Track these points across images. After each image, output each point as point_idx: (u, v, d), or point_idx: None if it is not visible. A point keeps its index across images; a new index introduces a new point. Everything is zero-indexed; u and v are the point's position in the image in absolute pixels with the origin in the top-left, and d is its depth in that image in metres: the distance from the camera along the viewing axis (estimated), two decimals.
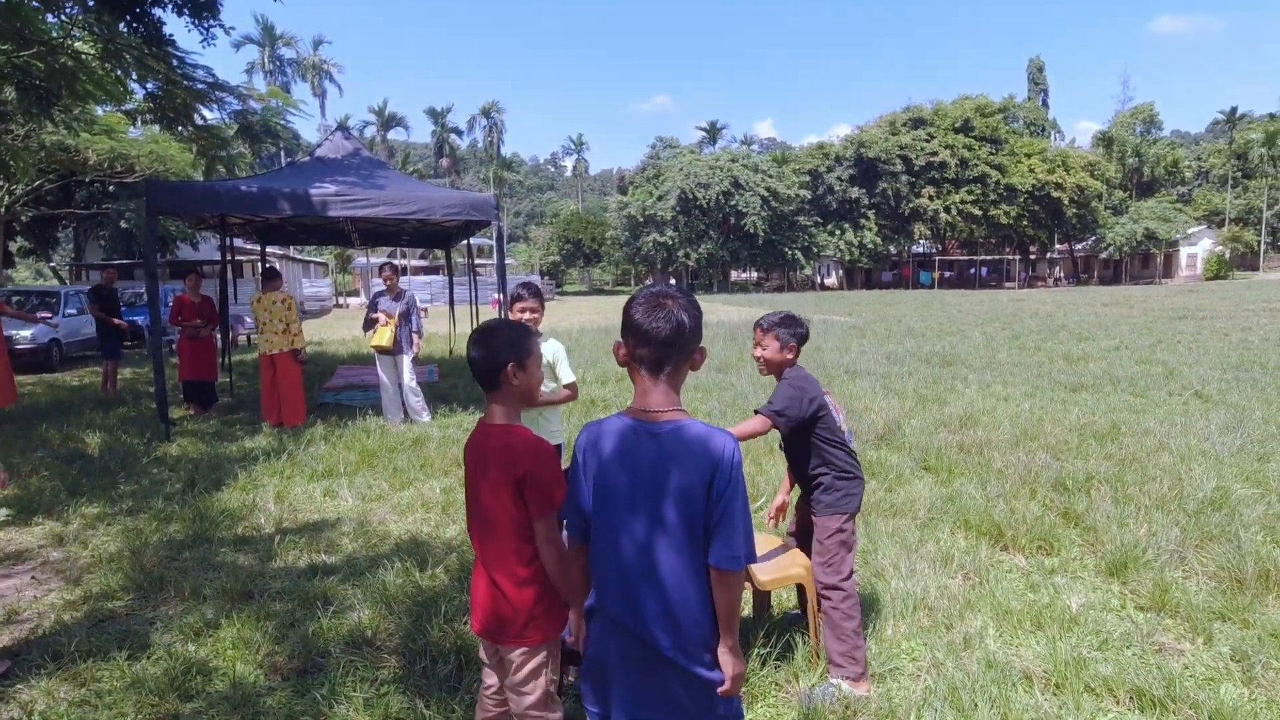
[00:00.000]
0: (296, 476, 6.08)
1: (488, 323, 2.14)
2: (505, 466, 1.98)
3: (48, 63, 9.02)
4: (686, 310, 1.74)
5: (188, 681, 3.02)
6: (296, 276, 36.97)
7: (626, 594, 1.75)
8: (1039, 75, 69.43)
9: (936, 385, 9.74)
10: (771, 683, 3.00)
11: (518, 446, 1.99)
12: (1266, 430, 6.81)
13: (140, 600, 3.85)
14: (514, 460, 1.97)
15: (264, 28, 60.83)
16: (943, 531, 4.56)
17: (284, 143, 41.92)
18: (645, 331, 1.72)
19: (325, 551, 4.49)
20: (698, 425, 1.73)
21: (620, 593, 1.76)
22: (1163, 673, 2.95)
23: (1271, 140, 61.12)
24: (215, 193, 7.89)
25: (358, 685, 2.97)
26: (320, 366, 12.78)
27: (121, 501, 5.47)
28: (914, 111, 56.41)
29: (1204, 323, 18.04)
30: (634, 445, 1.75)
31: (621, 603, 1.76)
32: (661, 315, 1.72)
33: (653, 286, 1.81)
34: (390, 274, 8.47)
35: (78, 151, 16.53)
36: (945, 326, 19.06)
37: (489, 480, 2.02)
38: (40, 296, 15.35)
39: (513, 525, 2.01)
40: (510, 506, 1.99)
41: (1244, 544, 4.04)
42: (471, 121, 79.65)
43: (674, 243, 53.53)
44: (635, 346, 1.75)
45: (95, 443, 7.22)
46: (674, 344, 1.72)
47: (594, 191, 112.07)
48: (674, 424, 1.72)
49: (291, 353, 8.22)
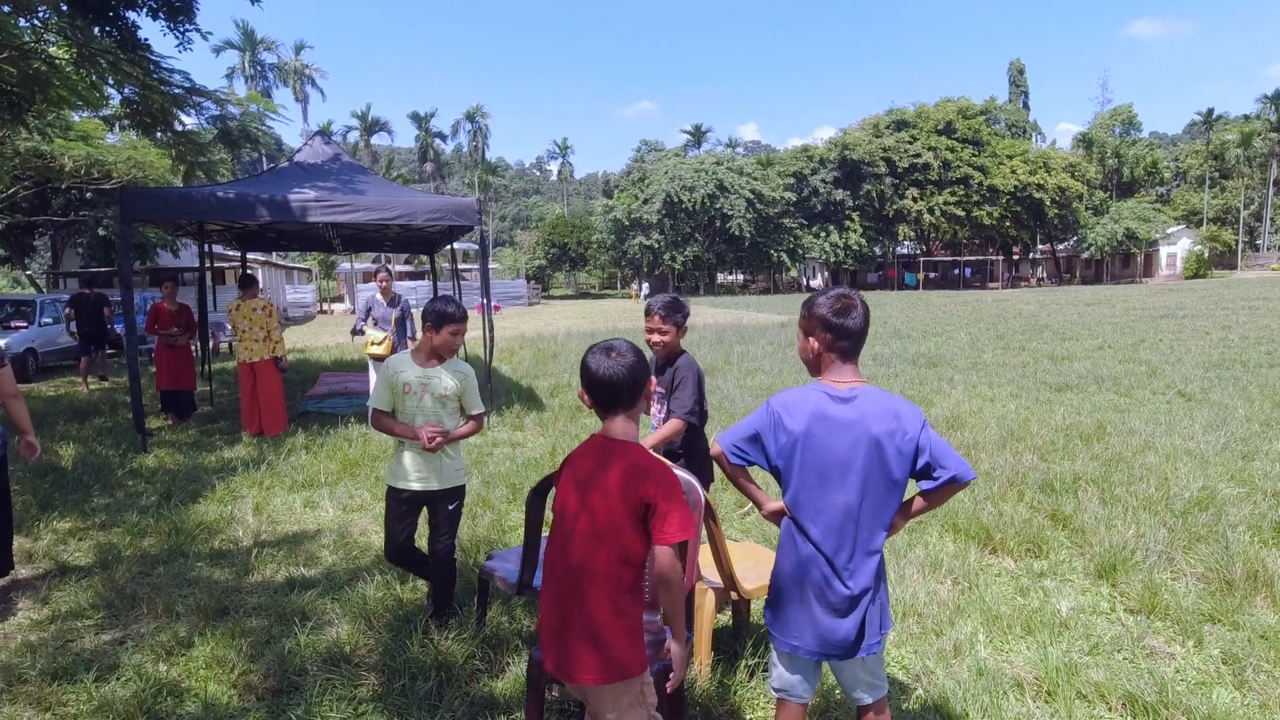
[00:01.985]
0: (276, 487, 5.96)
1: (619, 341, 2.07)
2: (631, 487, 1.89)
3: (20, 68, 8.82)
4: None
5: (158, 704, 2.92)
6: (279, 283, 36.66)
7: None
8: (1019, 77, 70.08)
9: (923, 386, 9.74)
10: (760, 694, 2.94)
11: (650, 467, 1.93)
12: (1249, 428, 6.84)
13: (111, 619, 3.73)
14: (644, 482, 1.89)
15: (244, 32, 60.32)
16: (931, 535, 4.53)
17: (265, 148, 41.52)
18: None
19: (304, 565, 4.39)
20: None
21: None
22: (1154, 677, 2.92)
23: (1247, 141, 62.03)
24: (192, 199, 7.75)
25: (335, 705, 2.88)
26: (303, 374, 12.61)
27: (95, 515, 5.34)
28: (897, 114, 56.78)
29: (1185, 321, 18.22)
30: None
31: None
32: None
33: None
34: (386, 278, 8.36)
35: (53, 158, 16.24)
36: (930, 327, 19.13)
37: (608, 499, 1.92)
38: (15, 305, 15.06)
39: (622, 547, 1.92)
40: (628, 528, 1.91)
41: (1232, 544, 4.03)
42: (456, 126, 79.31)
43: (660, 246, 53.53)
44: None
45: (69, 454, 7.06)
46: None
47: (579, 195, 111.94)
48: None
49: (273, 360, 8.10)
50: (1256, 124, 62.90)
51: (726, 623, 3.48)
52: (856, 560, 2.10)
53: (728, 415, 8.14)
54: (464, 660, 3.17)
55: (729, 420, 7.86)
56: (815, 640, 2.12)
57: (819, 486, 2.10)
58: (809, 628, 2.13)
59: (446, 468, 3.44)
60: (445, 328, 3.36)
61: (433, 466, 3.41)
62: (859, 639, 2.11)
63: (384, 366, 3.43)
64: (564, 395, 9.75)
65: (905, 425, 2.08)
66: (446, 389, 3.38)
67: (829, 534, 2.10)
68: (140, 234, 20.13)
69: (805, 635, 2.14)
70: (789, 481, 2.15)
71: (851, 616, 2.10)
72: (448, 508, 3.50)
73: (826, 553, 2.10)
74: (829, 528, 2.10)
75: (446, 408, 3.41)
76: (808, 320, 2.18)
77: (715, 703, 2.87)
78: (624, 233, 55.03)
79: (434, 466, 3.41)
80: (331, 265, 50.19)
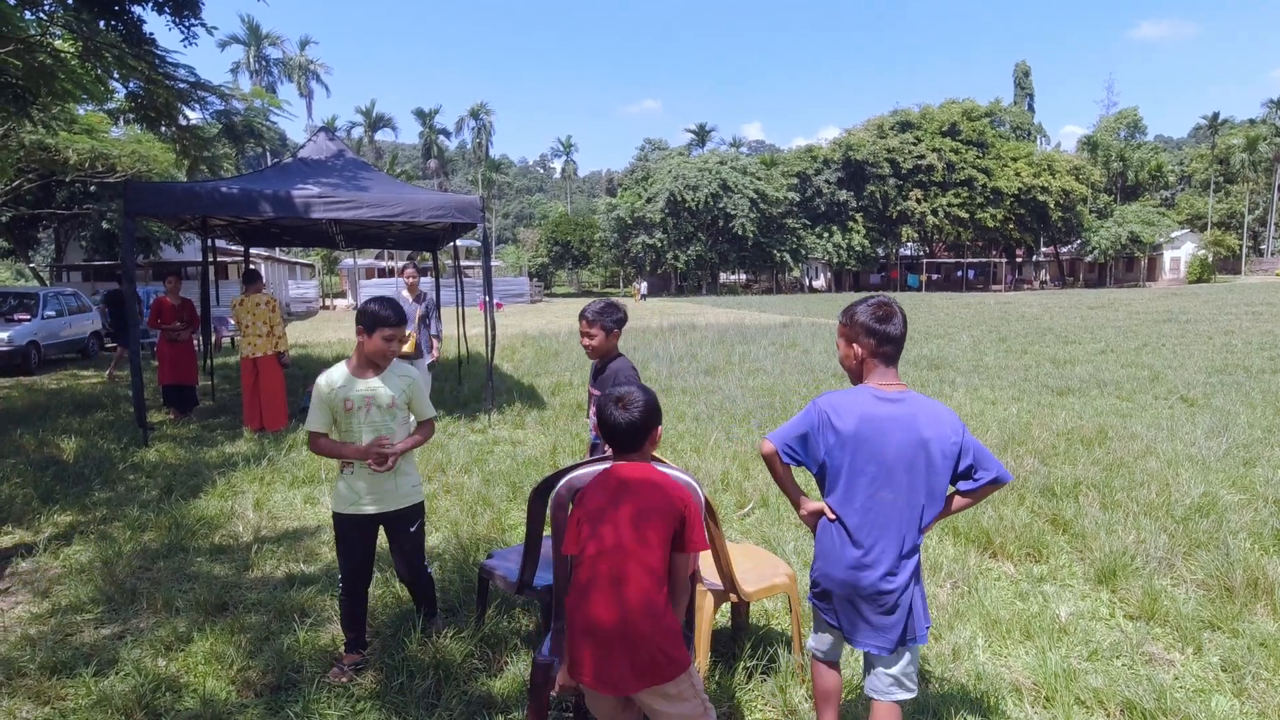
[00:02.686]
0: (277, 483, 5.96)
1: (632, 392, 2.23)
2: (662, 503, 2.07)
3: (25, 60, 8.84)
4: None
5: (156, 699, 2.92)
6: (282, 278, 36.69)
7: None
8: (1025, 79, 69.93)
9: (925, 389, 9.74)
10: (758, 695, 2.94)
11: (670, 484, 2.12)
12: (1251, 435, 6.83)
13: (110, 613, 3.74)
14: (672, 498, 2.08)
15: (249, 27, 60.34)
16: (931, 538, 4.52)
17: (269, 144, 41.52)
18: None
19: (304, 561, 4.39)
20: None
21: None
22: (1153, 684, 2.91)
23: (1252, 145, 61.91)
24: (196, 194, 7.76)
25: (332, 702, 2.89)
26: (305, 369, 12.62)
27: (95, 509, 5.35)
28: (901, 115, 56.71)
29: (1188, 326, 18.18)
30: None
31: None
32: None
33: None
34: (413, 274, 8.37)
35: (57, 151, 16.27)
36: (933, 329, 19.11)
37: (637, 518, 2.06)
38: (18, 298, 15.09)
39: (658, 559, 2.05)
40: (659, 542, 2.05)
41: (1232, 551, 4.02)
42: (460, 123, 79.26)
43: (663, 245, 53.52)
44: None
45: (71, 448, 7.07)
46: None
47: (583, 193, 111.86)
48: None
49: (275, 355, 8.10)
50: (1262, 128, 62.80)
51: (725, 624, 3.48)
52: (899, 558, 2.20)
53: (729, 416, 8.14)
54: (462, 659, 3.17)
55: (727, 421, 7.85)
56: (857, 632, 2.26)
57: (868, 486, 2.19)
58: (853, 621, 2.26)
59: (401, 485, 3.14)
60: (378, 331, 2.99)
61: (386, 485, 3.11)
62: (902, 635, 2.22)
63: (316, 385, 3.09)
64: (565, 394, 9.75)
65: (949, 429, 2.22)
66: (393, 398, 3.09)
67: (874, 531, 2.20)
68: (144, 228, 20.12)
69: (850, 628, 2.28)
70: (836, 481, 2.24)
71: (896, 614, 2.21)
72: (409, 529, 3.22)
73: (871, 550, 2.20)
74: (875, 525, 2.20)
75: (397, 418, 3.11)
76: (849, 328, 2.29)
77: (714, 705, 2.87)
78: (627, 231, 55.02)
79: (387, 485, 3.11)
80: (334, 261, 50.22)
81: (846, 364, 2.34)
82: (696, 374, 11.15)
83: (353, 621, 3.20)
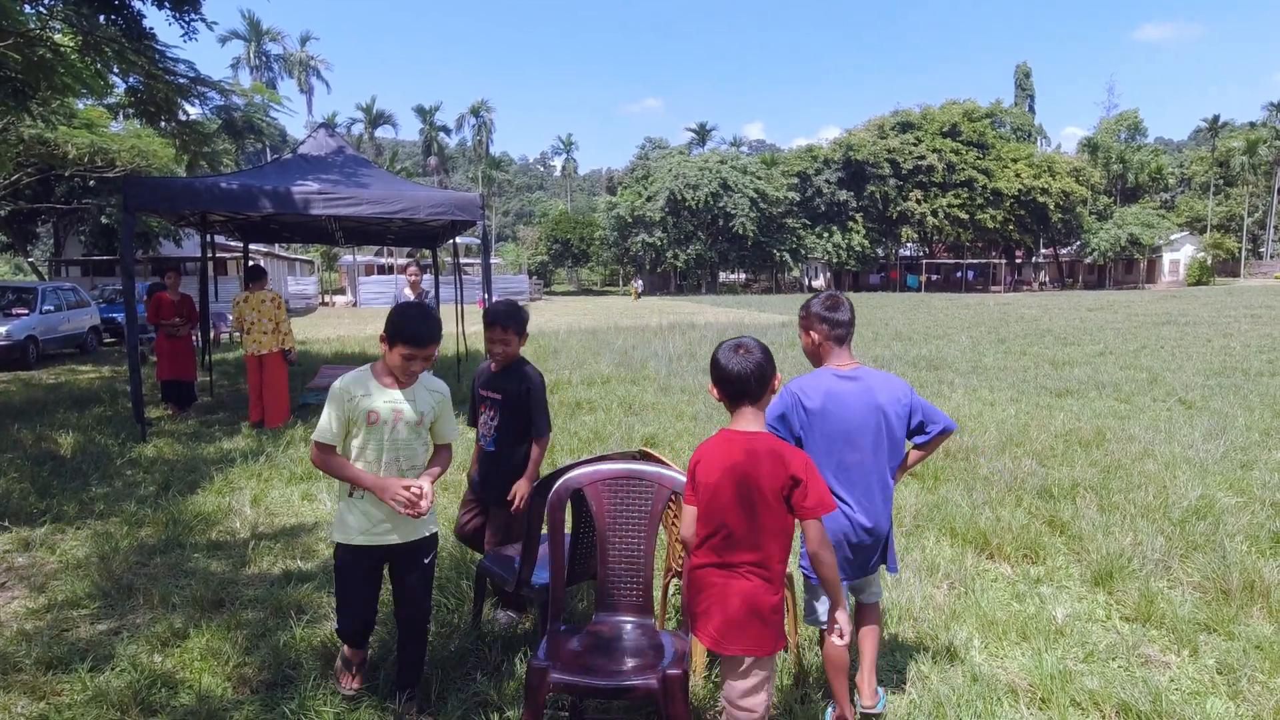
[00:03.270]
0: (275, 479, 5.96)
1: (748, 340, 2.26)
2: (777, 471, 2.14)
3: (25, 54, 8.82)
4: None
5: (152, 695, 2.92)
6: (281, 274, 36.63)
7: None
8: (1026, 81, 69.95)
9: (923, 390, 9.73)
10: None
11: (787, 452, 2.18)
12: (1249, 437, 6.83)
13: (107, 608, 3.74)
14: (786, 464, 2.14)
15: (250, 23, 60.24)
16: (928, 539, 4.52)
17: (269, 140, 41.52)
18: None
19: (301, 557, 4.39)
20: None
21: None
22: (1149, 686, 2.91)
23: (1252, 148, 61.95)
24: (195, 190, 7.75)
25: (329, 699, 2.88)
26: (304, 366, 12.61)
27: (93, 505, 5.34)
28: (902, 115, 56.71)
29: (1187, 328, 18.20)
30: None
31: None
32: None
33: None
34: (416, 272, 8.36)
35: (57, 145, 16.23)
36: (932, 330, 19.12)
37: (760, 486, 2.14)
38: (17, 292, 15.06)
39: (780, 529, 2.17)
40: (780, 510, 2.15)
41: (1229, 554, 4.02)
42: (460, 120, 79.13)
43: (662, 244, 53.51)
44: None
45: (68, 443, 7.06)
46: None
47: (583, 192, 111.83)
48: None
49: (281, 352, 8.10)
50: (1262, 131, 62.85)
51: None
52: (878, 504, 2.62)
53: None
54: (459, 658, 3.17)
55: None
56: (849, 570, 2.63)
57: (840, 449, 2.57)
58: (844, 565, 2.57)
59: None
60: (398, 348, 2.61)
61: (399, 514, 2.65)
62: (880, 559, 2.73)
63: (333, 391, 2.67)
64: (564, 391, 9.74)
65: (900, 393, 2.66)
66: (422, 415, 2.73)
67: (852, 487, 2.59)
68: (143, 223, 20.11)
69: (844, 570, 2.56)
70: (813, 450, 2.54)
71: (880, 549, 2.71)
72: (422, 561, 2.78)
73: (851, 503, 2.59)
74: (851, 482, 2.59)
75: (421, 437, 2.76)
76: (806, 319, 2.70)
77: (709, 703, 2.87)
78: (627, 230, 54.99)
79: (400, 514, 2.64)
80: (334, 257, 50.20)
81: (808, 350, 2.74)
82: (695, 373, 11.14)
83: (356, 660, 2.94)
